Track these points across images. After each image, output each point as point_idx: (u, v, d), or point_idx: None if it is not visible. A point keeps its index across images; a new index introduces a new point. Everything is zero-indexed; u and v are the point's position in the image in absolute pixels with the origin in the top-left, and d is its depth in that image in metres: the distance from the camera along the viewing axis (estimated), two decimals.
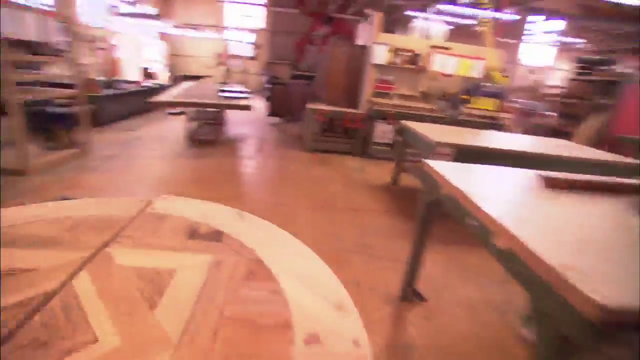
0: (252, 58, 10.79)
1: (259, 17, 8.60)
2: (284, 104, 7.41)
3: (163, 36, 10.15)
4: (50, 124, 3.96)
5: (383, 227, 3.02)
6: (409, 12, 6.65)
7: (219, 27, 10.80)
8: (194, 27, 10.06)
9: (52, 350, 0.59)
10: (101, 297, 0.71)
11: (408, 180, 4.21)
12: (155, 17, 8.80)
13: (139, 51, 8.96)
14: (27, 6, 3.03)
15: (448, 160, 2.11)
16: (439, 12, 6.57)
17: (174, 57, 10.64)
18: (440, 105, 5.06)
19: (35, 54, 3.59)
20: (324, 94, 5.43)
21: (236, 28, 10.62)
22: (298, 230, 2.82)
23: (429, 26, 5.39)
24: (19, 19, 3.02)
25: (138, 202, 1.16)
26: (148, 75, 8.84)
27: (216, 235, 0.98)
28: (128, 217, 1.05)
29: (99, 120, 5.47)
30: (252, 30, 10.19)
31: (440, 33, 5.39)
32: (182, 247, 0.91)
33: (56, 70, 4.55)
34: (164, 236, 0.96)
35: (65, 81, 4.11)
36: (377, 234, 2.88)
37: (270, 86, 7.59)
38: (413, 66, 5.09)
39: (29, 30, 3.16)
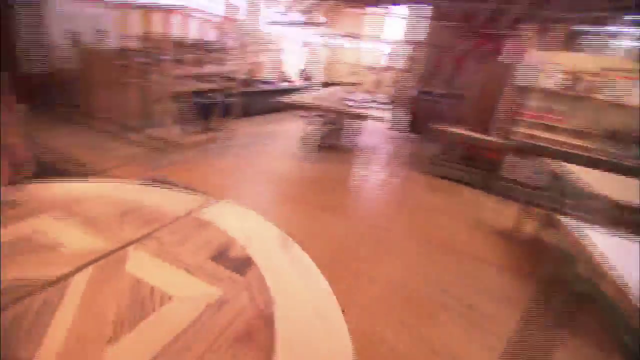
0: (402, 70, 10.64)
1: (415, 30, 8.38)
2: (424, 120, 6.98)
3: (323, 43, 10.96)
4: (208, 111, 4.66)
5: (494, 286, 2.42)
6: (581, 27, 5.26)
7: (375, 38, 11.06)
8: (353, 36, 10.54)
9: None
10: (80, 306, 0.63)
11: (543, 233, 3.33)
12: (321, 25, 9.55)
13: (298, 55, 9.90)
14: (207, 14, 3.61)
15: (612, 228, 1.47)
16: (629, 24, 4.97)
17: (329, 63, 11.40)
18: (611, 145, 3.86)
19: (209, 52, 4.25)
20: (460, 115, 4.85)
21: (392, 40, 10.66)
22: (389, 262, 2.49)
23: (610, 43, 4.19)
24: (189, 22, 3.60)
25: (196, 200, 1.10)
26: (302, 77, 9.67)
27: (243, 265, 0.82)
28: (175, 216, 0.99)
29: (247, 112, 6.19)
30: (407, 42, 10.06)
31: (627, 51, 4.12)
32: (197, 270, 0.78)
33: (228, 67, 5.32)
34: (189, 249, 0.85)
35: (230, 75, 4.76)
36: (483, 293, 2.31)
37: (414, 101, 7.26)
38: (576, 92, 4.03)
39: (208, 33, 3.74)
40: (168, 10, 3.46)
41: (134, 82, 4.16)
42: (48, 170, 2.95)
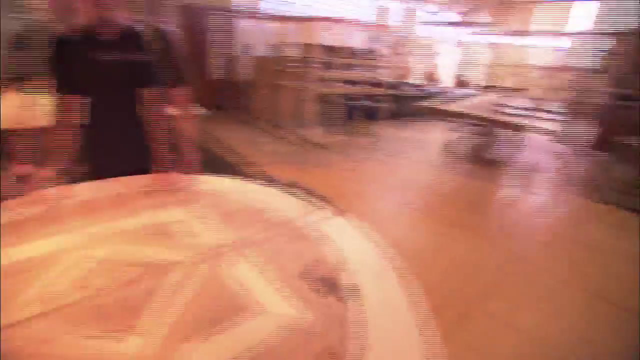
0: (595, 71, 8.42)
1: (627, 15, 6.42)
2: (622, 134, 5.27)
3: (485, 43, 9.77)
4: (352, 114, 4.85)
5: None
6: None
7: (555, 33, 9.04)
8: (524, 33, 8.90)
9: (101, 324, 0.63)
10: (182, 297, 0.70)
11: None
12: (484, 24, 8.53)
13: (452, 58, 9.19)
14: (355, 21, 3.78)
15: None
16: None
17: (489, 66, 10.09)
18: None
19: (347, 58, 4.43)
20: None
21: (581, 32, 8.50)
22: (531, 306, 1.98)
23: None
24: (340, 30, 3.79)
25: (312, 208, 1.11)
26: (457, 82, 8.93)
27: (326, 287, 0.76)
28: (288, 222, 1.01)
29: (392, 116, 6.12)
30: (607, 34, 7.83)
31: None
32: (288, 286, 0.76)
33: (375, 71, 5.42)
34: (288, 261, 0.84)
35: (376, 80, 4.82)
36: None
37: (611, 108, 5.56)
38: None
39: (354, 40, 3.91)
40: (322, 19, 3.77)
41: (289, 86, 4.68)
42: (211, 164, 3.65)
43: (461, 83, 8.81)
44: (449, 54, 9.61)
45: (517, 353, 1.67)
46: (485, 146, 4.87)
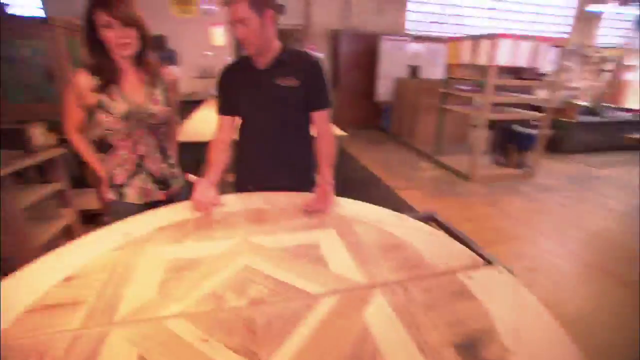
0: None
1: None
2: None
3: None
4: (518, 143, 4.14)
5: None
6: None
7: None
8: None
9: (223, 338, 0.60)
10: (316, 330, 0.63)
11: None
12: None
13: None
14: (523, 35, 3.30)
15: None
16: None
17: None
18: None
19: (521, 78, 3.79)
20: None
21: None
22: None
23: None
24: (514, 47, 3.32)
25: (464, 256, 0.91)
26: None
27: None
28: (436, 270, 0.85)
29: (561, 147, 5.06)
30: None
31: None
32: (433, 353, 0.60)
33: (541, 93, 4.63)
34: (434, 319, 0.68)
35: (542, 104, 4.05)
36: None
37: None
38: None
39: (520, 57, 3.40)
40: (493, 37, 3.36)
41: (454, 110, 4.34)
42: (359, 187, 3.61)
43: None
44: None
45: None
46: None
